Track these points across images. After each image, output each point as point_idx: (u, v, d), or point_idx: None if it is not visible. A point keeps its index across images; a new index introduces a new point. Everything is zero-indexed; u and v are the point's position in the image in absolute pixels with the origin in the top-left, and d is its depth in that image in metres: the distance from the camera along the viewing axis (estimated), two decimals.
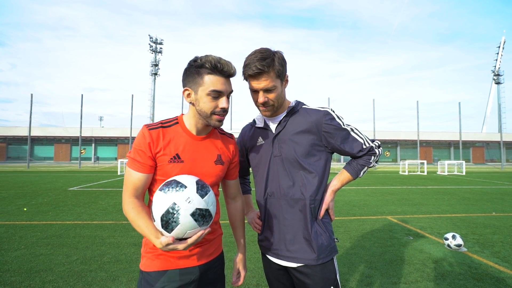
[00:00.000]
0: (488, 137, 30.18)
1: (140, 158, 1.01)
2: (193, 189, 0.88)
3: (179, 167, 1.04)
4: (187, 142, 1.08)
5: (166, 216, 0.85)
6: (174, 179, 0.91)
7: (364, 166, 1.21)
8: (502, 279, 2.78)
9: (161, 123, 1.08)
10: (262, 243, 1.28)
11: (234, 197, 1.31)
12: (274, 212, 1.21)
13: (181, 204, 0.85)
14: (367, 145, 1.19)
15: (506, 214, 5.76)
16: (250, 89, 1.17)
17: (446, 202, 7.14)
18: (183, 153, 1.06)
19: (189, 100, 1.06)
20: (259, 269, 2.97)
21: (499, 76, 40.49)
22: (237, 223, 1.31)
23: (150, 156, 1.02)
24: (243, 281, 1.31)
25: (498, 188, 10.23)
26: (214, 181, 1.13)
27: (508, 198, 7.89)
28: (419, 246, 3.75)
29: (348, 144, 1.18)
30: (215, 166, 1.13)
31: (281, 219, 1.19)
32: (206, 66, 1.00)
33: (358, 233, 4.30)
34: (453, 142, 29.19)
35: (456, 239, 3.57)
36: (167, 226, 0.86)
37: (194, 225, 0.87)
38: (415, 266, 3.08)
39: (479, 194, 8.70)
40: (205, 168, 1.10)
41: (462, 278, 2.80)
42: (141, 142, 1.02)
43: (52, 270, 2.90)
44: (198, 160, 1.08)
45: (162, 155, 1.03)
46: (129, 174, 1.03)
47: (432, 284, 2.69)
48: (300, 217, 1.16)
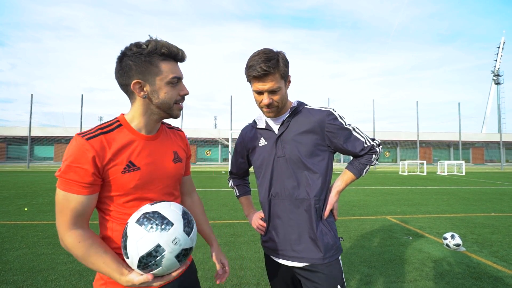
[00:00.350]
0: (487, 138, 30.24)
1: (78, 178, 0.82)
2: (180, 227, 0.78)
3: (137, 176, 0.89)
4: (138, 145, 0.92)
5: (146, 259, 0.74)
6: (158, 211, 0.78)
7: (366, 164, 1.22)
8: (500, 278, 2.80)
9: (100, 129, 0.89)
10: (266, 244, 1.26)
11: (190, 193, 1.24)
12: (279, 212, 1.20)
13: (167, 246, 0.74)
14: (368, 144, 1.21)
15: (505, 214, 5.78)
16: (254, 90, 1.16)
17: (445, 202, 7.17)
18: (137, 159, 0.91)
19: (143, 94, 0.90)
20: (259, 268, 2.99)
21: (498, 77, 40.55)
22: (201, 217, 1.24)
23: (95, 172, 0.83)
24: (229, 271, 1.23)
25: (497, 188, 10.25)
26: (176, 182, 1.04)
27: (507, 198, 7.91)
28: (418, 245, 3.77)
29: (351, 143, 1.19)
30: (175, 165, 1.02)
31: (286, 220, 1.18)
32: (159, 52, 0.89)
33: (357, 233, 4.33)
34: (452, 143, 29.23)
35: (455, 238, 3.60)
36: (145, 268, 0.75)
37: (177, 265, 0.78)
38: (414, 266, 3.10)
39: (478, 194, 8.72)
40: (165, 170, 0.98)
41: (460, 277, 2.83)
42: (79, 157, 0.82)
43: (54, 269, 2.92)
44: (156, 163, 0.95)
45: (112, 167, 0.86)
46: (65, 199, 0.83)
47: (431, 283, 2.72)
48: (305, 217, 1.16)
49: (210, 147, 29.31)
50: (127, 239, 0.76)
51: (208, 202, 6.92)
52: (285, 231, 1.19)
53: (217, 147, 29.16)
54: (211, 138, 27.24)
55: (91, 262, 0.81)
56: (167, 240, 0.74)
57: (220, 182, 12.13)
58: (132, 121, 0.94)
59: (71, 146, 0.85)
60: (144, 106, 0.93)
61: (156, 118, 0.96)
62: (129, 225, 0.79)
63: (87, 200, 0.84)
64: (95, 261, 0.81)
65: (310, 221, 1.15)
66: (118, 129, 0.91)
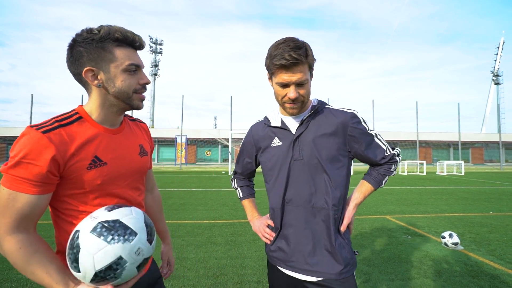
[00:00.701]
0: (487, 138, 30.31)
1: (29, 175, 0.73)
2: (144, 237, 0.73)
3: (104, 172, 0.83)
4: (103, 140, 0.86)
5: (104, 273, 0.67)
6: (119, 220, 0.71)
7: (385, 175, 1.14)
8: (496, 276, 2.85)
9: (57, 121, 0.80)
10: (274, 254, 1.15)
11: (151, 188, 1.19)
12: (292, 221, 1.09)
13: (129, 258, 0.69)
14: (389, 153, 1.13)
15: (503, 213, 5.83)
16: (277, 83, 1.02)
17: (444, 202, 7.21)
18: (103, 154, 0.84)
19: (97, 83, 0.83)
20: (260, 266, 3.03)
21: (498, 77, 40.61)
22: (158, 215, 1.20)
23: (51, 170, 0.74)
24: (173, 270, 1.24)
25: (496, 188, 10.30)
26: (143, 175, 0.99)
27: (505, 198, 7.95)
28: (416, 244, 3.81)
29: (372, 150, 1.10)
30: (141, 159, 0.97)
31: (300, 229, 1.08)
32: (113, 38, 0.82)
33: (357, 232, 4.37)
34: (452, 143, 29.30)
35: (453, 237, 3.64)
36: (101, 281, 0.69)
37: (135, 274, 0.73)
38: (412, 264, 3.14)
39: (477, 194, 8.76)
40: (132, 164, 0.93)
41: (458, 275, 2.87)
42: (33, 152, 0.73)
43: None
44: (122, 158, 0.90)
45: (76, 163, 0.79)
46: (11, 198, 0.73)
47: (429, 280, 2.76)
48: (322, 228, 1.06)
49: (210, 147, 29.34)
50: (79, 251, 0.67)
51: (208, 202, 6.95)
52: (298, 241, 1.08)
53: (217, 148, 29.20)
54: (211, 138, 27.28)
55: (31, 272, 0.73)
56: (130, 251, 0.68)
57: (220, 182, 12.16)
58: (92, 113, 0.87)
59: (22, 139, 0.74)
60: (101, 96, 0.86)
61: (116, 109, 0.89)
62: (81, 235, 0.69)
63: (37, 200, 0.75)
64: (36, 271, 0.72)
65: (327, 232, 1.05)
66: (79, 122, 0.83)
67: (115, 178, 0.88)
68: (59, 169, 0.77)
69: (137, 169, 0.95)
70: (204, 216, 5.39)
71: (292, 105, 1.05)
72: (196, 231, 4.35)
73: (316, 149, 1.06)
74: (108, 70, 0.83)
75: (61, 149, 0.76)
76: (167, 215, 5.45)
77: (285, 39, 1.00)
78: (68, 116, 0.84)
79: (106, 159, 0.85)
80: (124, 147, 0.92)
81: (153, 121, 40.17)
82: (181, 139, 24.49)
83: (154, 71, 40.73)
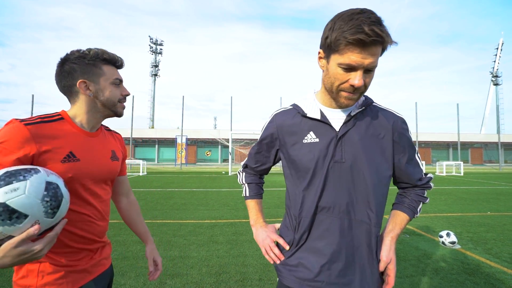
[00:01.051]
0: (486, 138, 30.41)
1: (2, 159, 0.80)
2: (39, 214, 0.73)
3: (76, 166, 0.93)
4: (79, 139, 0.97)
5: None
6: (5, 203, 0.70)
7: (420, 201, 1.00)
8: (492, 274, 2.92)
9: (40, 118, 0.91)
10: (294, 272, 0.94)
11: (127, 193, 1.27)
12: (324, 233, 0.91)
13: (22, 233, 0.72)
14: (425, 175, 1.00)
15: (501, 213, 5.90)
16: (341, 63, 0.80)
17: (443, 202, 7.28)
18: (78, 151, 0.94)
19: (89, 92, 0.99)
20: (261, 265, 3.10)
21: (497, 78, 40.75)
22: (136, 218, 1.27)
23: (20, 158, 0.82)
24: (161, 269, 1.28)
25: (494, 189, 10.38)
26: (111, 178, 1.10)
27: (503, 198, 8.03)
28: (414, 243, 3.88)
29: (411, 166, 0.97)
30: (112, 162, 1.08)
31: (333, 243, 0.90)
32: (101, 57, 1.00)
33: None
34: (451, 143, 29.39)
35: (451, 236, 3.71)
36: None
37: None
38: (410, 262, 3.22)
39: (476, 194, 8.84)
40: (103, 165, 1.04)
41: (454, 273, 2.94)
42: (12, 139, 0.81)
43: None
44: (94, 158, 1.01)
45: (50, 155, 0.87)
46: None
47: (426, 278, 2.83)
48: (360, 243, 0.90)
49: (210, 147, 29.41)
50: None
51: (209, 202, 7.02)
52: (328, 257, 0.90)
53: (217, 148, 29.26)
54: (211, 138, 27.35)
55: None
56: (21, 231, 0.71)
57: (220, 182, 12.23)
58: (75, 117, 1.00)
59: (5, 128, 0.84)
60: (90, 104, 1.00)
61: (100, 115, 1.04)
62: None
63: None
64: None
65: (367, 251, 0.90)
66: (60, 121, 0.95)
67: (86, 174, 0.97)
68: (31, 159, 0.85)
69: (106, 171, 1.05)
70: (206, 215, 5.46)
71: (351, 94, 0.84)
72: (198, 230, 4.42)
73: (363, 153, 0.89)
74: (98, 83, 1.00)
75: (38, 140, 0.85)
76: (169, 215, 5.52)
77: (362, 9, 0.78)
78: (51, 115, 0.96)
79: (80, 156, 0.95)
80: (98, 149, 1.04)
81: (153, 122, 40.22)
82: (182, 140, 24.55)
83: (154, 71, 40.80)
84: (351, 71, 0.81)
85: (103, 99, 1.01)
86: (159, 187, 10.28)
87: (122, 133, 21.69)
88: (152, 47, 40.88)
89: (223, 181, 12.83)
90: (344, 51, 0.78)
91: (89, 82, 0.99)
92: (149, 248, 1.26)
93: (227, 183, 11.65)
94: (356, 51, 0.77)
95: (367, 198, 0.90)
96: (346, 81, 0.82)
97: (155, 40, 41.11)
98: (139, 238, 1.31)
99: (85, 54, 0.98)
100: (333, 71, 0.83)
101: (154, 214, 5.60)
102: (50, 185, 0.77)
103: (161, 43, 41.57)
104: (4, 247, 0.72)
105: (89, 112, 1.01)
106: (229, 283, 2.72)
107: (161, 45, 41.55)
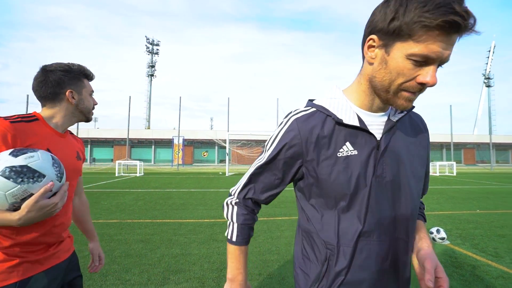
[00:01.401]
0: (479, 139, 31.00)
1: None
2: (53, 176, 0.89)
3: None
4: (53, 138, 1.10)
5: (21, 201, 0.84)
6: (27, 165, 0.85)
7: (423, 208, 0.91)
8: (477, 266, 3.11)
9: (20, 117, 1.02)
10: None
11: (80, 193, 1.40)
12: (368, 261, 0.73)
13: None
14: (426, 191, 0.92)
15: (489, 211, 6.13)
16: (412, 54, 0.61)
17: (435, 200, 7.50)
18: (53, 149, 1.07)
19: (74, 101, 1.14)
20: (260, 261, 3.24)
21: (489, 80, 41.56)
22: (86, 216, 1.41)
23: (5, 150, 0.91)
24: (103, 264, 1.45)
25: (485, 188, 10.68)
26: (77, 176, 1.23)
27: (492, 196, 8.30)
28: None
29: (427, 178, 0.87)
30: (77, 161, 1.22)
31: (374, 271, 0.74)
32: (83, 72, 1.18)
33: None
34: (445, 144, 29.89)
35: (440, 232, 3.90)
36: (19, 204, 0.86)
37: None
38: None
39: (467, 193, 9.10)
40: (71, 164, 1.16)
41: (443, 266, 3.11)
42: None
43: None
44: (66, 156, 1.13)
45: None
46: None
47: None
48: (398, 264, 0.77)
49: (206, 148, 29.45)
50: None
51: (208, 201, 7.14)
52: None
53: (213, 149, 29.32)
54: (208, 139, 27.41)
55: None
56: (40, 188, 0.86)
57: (218, 182, 12.34)
58: (51, 119, 1.12)
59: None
60: (70, 109, 1.15)
61: (75, 120, 1.20)
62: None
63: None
64: None
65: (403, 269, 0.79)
66: (36, 122, 1.06)
67: None
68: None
69: (73, 168, 1.18)
70: (205, 215, 5.58)
71: (413, 95, 0.66)
72: (198, 229, 4.54)
73: (408, 165, 0.75)
74: (81, 93, 1.17)
75: (21, 136, 0.98)
76: (168, 214, 5.63)
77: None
78: (28, 115, 1.07)
79: (55, 154, 1.05)
80: (66, 148, 1.18)
81: (149, 122, 40.10)
82: (178, 140, 24.58)
83: (151, 72, 40.72)
84: (423, 65, 0.62)
85: (82, 107, 1.18)
86: (157, 187, 10.35)
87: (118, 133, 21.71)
88: (149, 48, 40.83)
89: (220, 181, 12.94)
90: (423, 38, 0.59)
91: (75, 92, 1.15)
92: (95, 244, 1.43)
93: (225, 184, 11.76)
94: (439, 38, 0.59)
95: (408, 215, 0.75)
96: (413, 78, 0.63)
97: (152, 40, 41.06)
98: (85, 235, 1.45)
99: (71, 68, 1.14)
100: (397, 65, 0.64)
101: (153, 214, 5.70)
102: (53, 157, 0.96)
103: (158, 43, 41.53)
104: (27, 202, 0.86)
105: (67, 116, 1.15)
106: None
107: (157, 45, 41.51)
